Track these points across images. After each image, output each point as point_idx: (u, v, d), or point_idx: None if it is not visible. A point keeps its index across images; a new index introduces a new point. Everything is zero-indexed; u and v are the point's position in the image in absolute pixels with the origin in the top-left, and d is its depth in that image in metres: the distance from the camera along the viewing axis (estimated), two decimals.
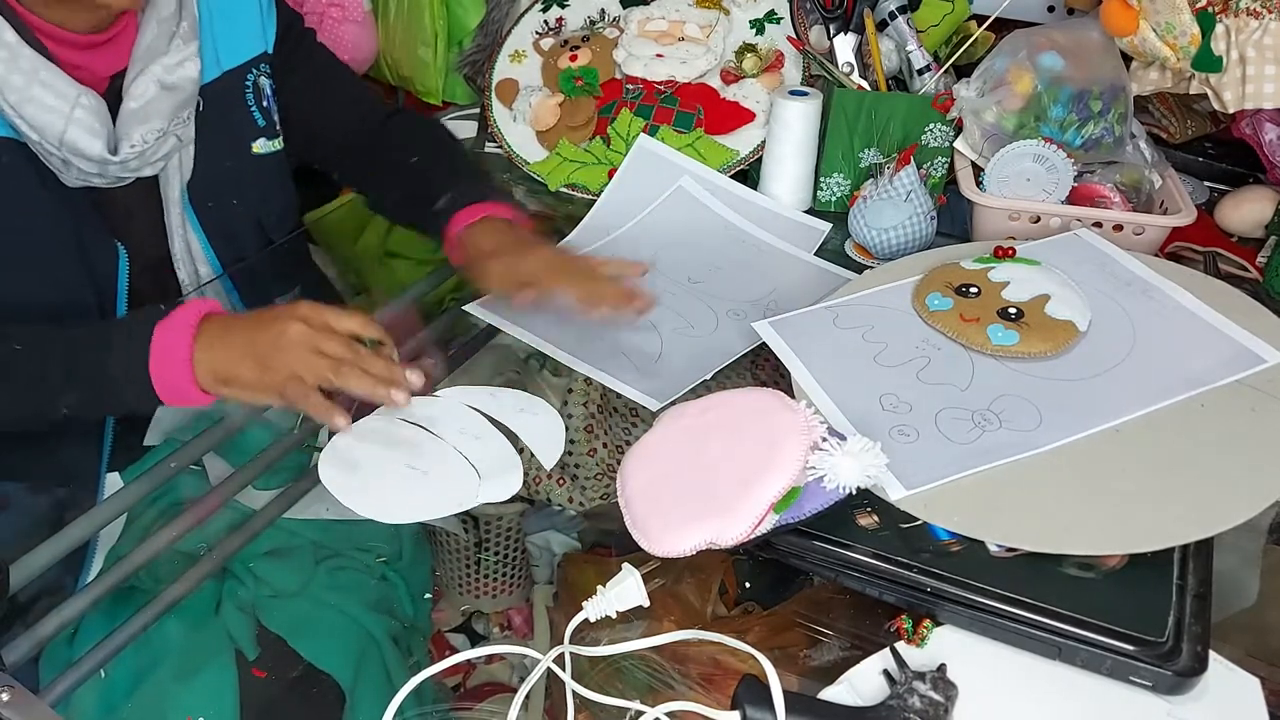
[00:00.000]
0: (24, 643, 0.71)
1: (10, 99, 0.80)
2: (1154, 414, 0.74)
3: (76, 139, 0.82)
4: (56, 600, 0.75)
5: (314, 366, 0.76)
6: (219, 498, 0.85)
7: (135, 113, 0.86)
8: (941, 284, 0.87)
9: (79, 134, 0.82)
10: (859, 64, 1.19)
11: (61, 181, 0.86)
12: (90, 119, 0.83)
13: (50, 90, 0.81)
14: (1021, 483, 0.70)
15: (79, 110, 0.82)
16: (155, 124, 0.88)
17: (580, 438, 0.92)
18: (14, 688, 0.63)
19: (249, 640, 0.83)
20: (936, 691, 0.61)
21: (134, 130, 0.86)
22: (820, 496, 0.68)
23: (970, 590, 0.65)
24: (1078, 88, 1.05)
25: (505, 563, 1.02)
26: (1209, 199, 1.21)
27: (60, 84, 0.81)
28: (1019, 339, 0.81)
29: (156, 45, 0.88)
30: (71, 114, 0.82)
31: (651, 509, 0.70)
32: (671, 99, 1.24)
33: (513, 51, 1.34)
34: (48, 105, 0.81)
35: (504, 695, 0.94)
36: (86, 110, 0.82)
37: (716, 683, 0.69)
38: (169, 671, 0.78)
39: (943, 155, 1.15)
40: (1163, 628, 0.62)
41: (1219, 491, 0.67)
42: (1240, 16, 1.02)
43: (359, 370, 0.77)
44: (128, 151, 0.86)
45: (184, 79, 0.89)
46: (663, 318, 0.99)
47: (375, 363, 0.79)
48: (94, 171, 0.86)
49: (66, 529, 0.77)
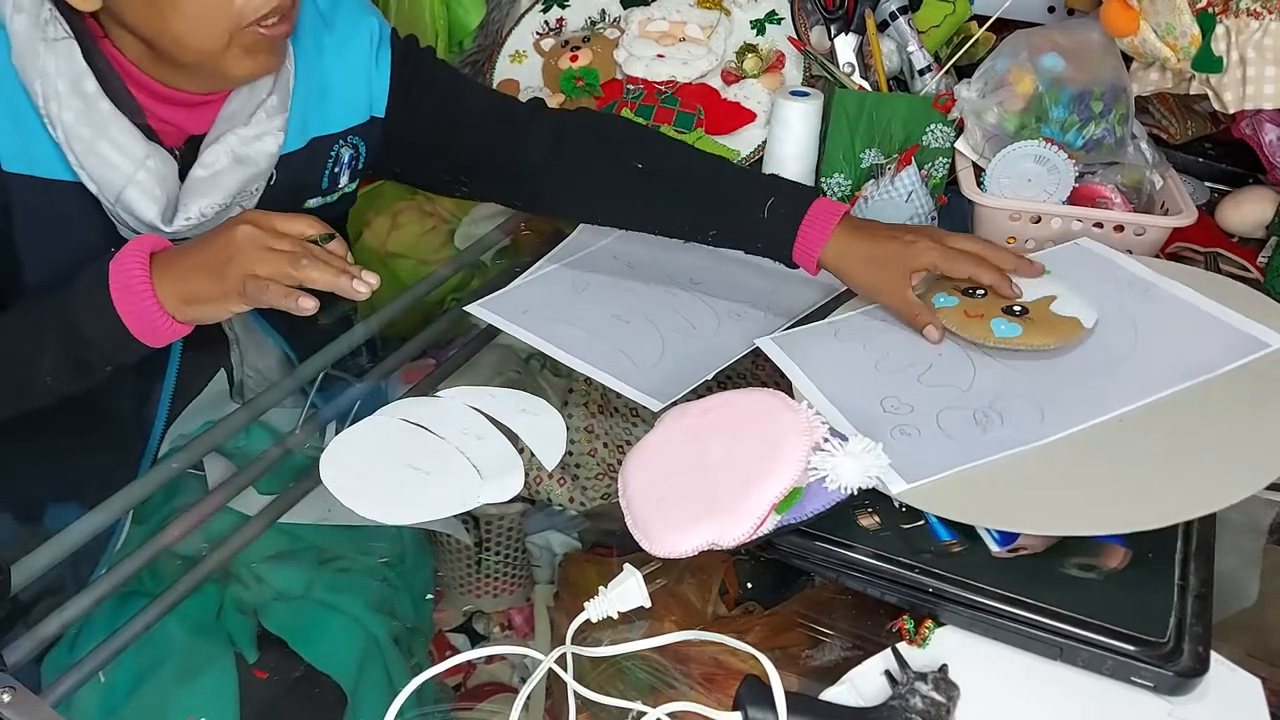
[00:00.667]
0: (25, 643, 0.71)
1: (75, 148, 0.78)
2: (1157, 402, 0.74)
3: (133, 201, 0.79)
4: (58, 601, 0.75)
5: (269, 262, 0.72)
6: (220, 499, 0.85)
7: (202, 182, 0.83)
8: (948, 285, 0.87)
9: (137, 196, 0.79)
10: (860, 64, 1.19)
11: (119, 233, 0.83)
12: (152, 184, 0.80)
13: (117, 148, 0.78)
14: (1023, 474, 0.70)
15: (143, 172, 0.79)
16: (217, 198, 0.83)
17: (581, 438, 0.92)
18: (16, 688, 0.63)
19: (250, 642, 0.83)
20: (938, 692, 0.61)
21: (195, 202, 0.82)
22: (822, 497, 0.68)
23: (972, 591, 0.65)
24: (1078, 88, 1.05)
25: (506, 563, 1.02)
26: (1209, 199, 1.21)
27: (130, 143, 0.79)
28: (1022, 331, 0.81)
29: (240, 114, 0.84)
30: (135, 175, 0.79)
31: (653, 509, 0.70)
32: (672, 99, 1.24)
33: (513, 52, 1.34)
34: (112, 162, 0.78)
35: (505, 695, 0.94)
36: (150, 173, 0.79)
37: (718, 683, 0.69)
38: (170, 673, 0.78)
39: (944, 156, 1.15)
40: (1164, 628, 0.62)
41: (1223, 469, 0.67)
42: (1240, 17, 1.02)
43: (318, 261, 0.73)
44: (182, 224, 0.82)
45: (260, 153, 0.85)
46: (663, 318, 0.99)
47: (331, 255, 0.75)
48: (146, 232, 0.82)
49: (67, 529, 0.77)
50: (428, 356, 1.08)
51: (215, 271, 0.72)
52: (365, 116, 0.94)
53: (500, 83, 1.32)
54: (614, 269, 1.07)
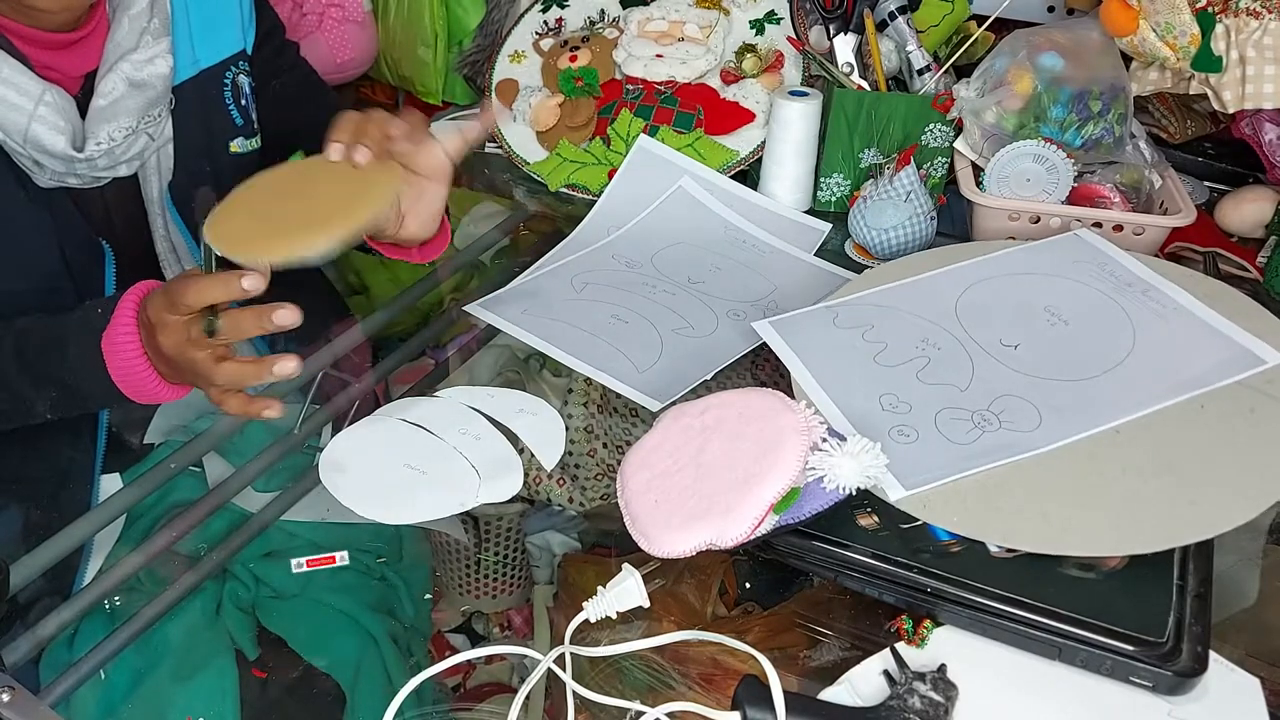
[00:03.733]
0: (24, 643, 0.71)
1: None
2: (1153, 415, 0.74)
3: (40, 135, 0.82)
4: (57, 601, 0.75)
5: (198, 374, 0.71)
6: (219, 499, 0.85)
7: (103, 110, 0.86)
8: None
9: (43, 130, 0.81)
10: (859, 64, 1.19)
11: (36, 183, 0.85)
12: (54, 116, 0.82)
13: (13, 88, 0.80)
14: (1021, 483, 0.70)
15: (43, 107, 0.81)
16: (123, 121, 0.87)
17: (580, 438, 0.92)
18: (14, 688, 0.63)
19: (249, 641, 0.83)
20: (937, 692, 0.61)
21: (101, 128, 0.85)
22: (820, 497, 0.68)
23: (970, 590, 0.65)
24: (1077, 88, 1.05)
25: (505, 563, 1.02)
26: (1209, 199, 1.21)
27: (24, 81, 0.81)
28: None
29: (126, 42, 0.87)
30: (35, 110, 0.81)
31: (651, 509, 0.70)
32: (671, 99, 1.24)
33: (512, 52, 1.34)
34: (11, 103, 0.80)
35: (504, 695, 0.94)
36: (51, 107, 0.82)
37: (716, 683, 0.69)
38: (169, 672, 0.78)
39: (943, 155, 1.15)
40: (1163, 628, 0.62)
41: (1219, 493, 0.67)
42: (1240, 16, 1.02)
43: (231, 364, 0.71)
44: (94, 149, 0.85)
45: (154, 76, 0.88)
46: (662, 318, 0.99)
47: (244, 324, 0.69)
48: (63, 170, 0.85)
49: (67, 529, 0.77)
50: (427, 356, 1.08)
51: (171, 365, 0.73)
52: (240, 47, 0.99)
53: (500, 83, 1.32)
54: (613, 269, 1.07)
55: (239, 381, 0.71)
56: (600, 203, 1.19)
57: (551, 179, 1.24)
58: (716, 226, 1.15)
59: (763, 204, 1.18)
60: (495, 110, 1.31)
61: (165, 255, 0.98)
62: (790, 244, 1.12)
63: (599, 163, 1.24)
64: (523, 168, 1.27)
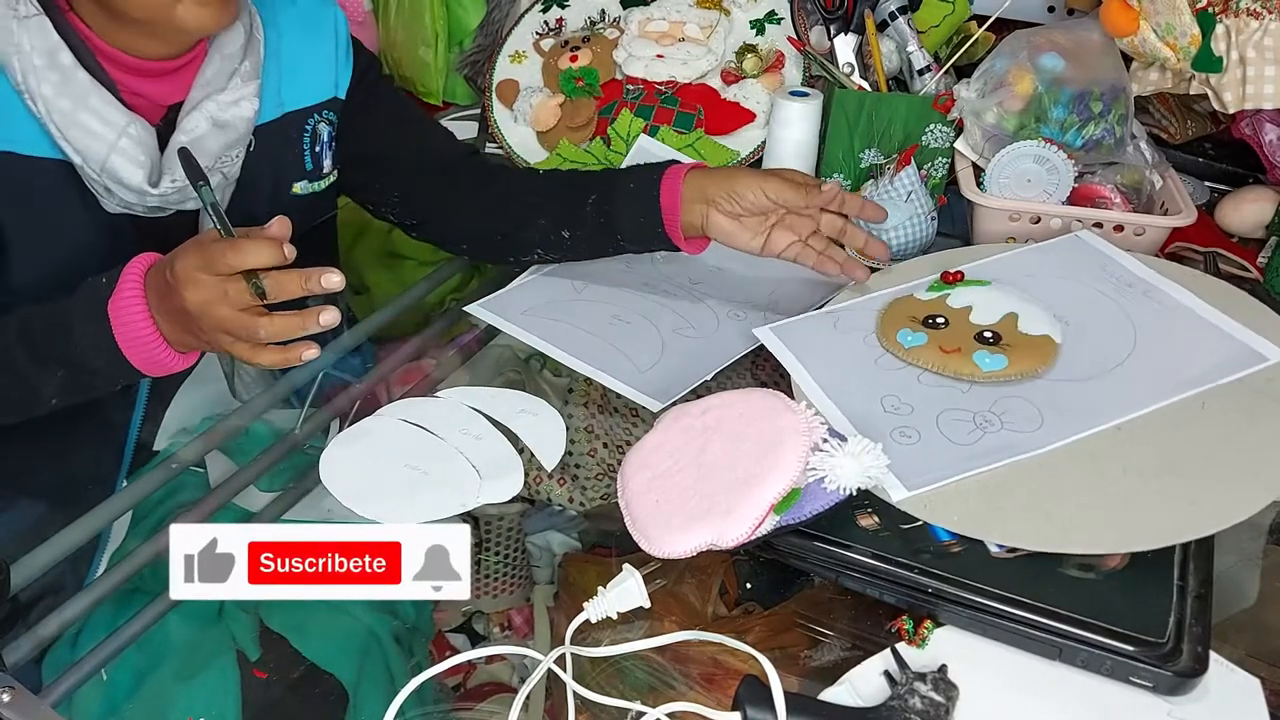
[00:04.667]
0: (25, 643, 0.71)
1: (57, 120, 0.79)
2: (1154, 414, 0.74)
3: (118, 167, 0.81)
4: (58, 600, 0.75)
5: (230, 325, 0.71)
6: (221, 498, 0.85)
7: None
8: (905, 318, 0.86)
9: (121, 162, 0.81)
10: (859, 64, 1.19)
11: (102, 206, 0.84)
12: (135, 149, 0.82)
13: (98, 117, 0.80)
14: (1022, 483, 0.70)
15: (125, 140, 0.81)
16: (202, 161, 0.84)
17: (580, 438, 0.92)
18: (15, 688, 0.63)
19: (251, 640, 0.83)
20: (937, 692, 0.61)
21: (178, 166, 0.83)
22: (821, 497, 0.68)
23: (971, 591, 0.65)
24: (1078, 88, 1.05)
25: (506, 563, 1.02)
26: (1209, 199, 1.21)
27: (110, 111, 0.80)
28: (1007, 362, 0.79)
29: (216, 81, 0.87)
30: (117, 142, 0.81)
31: (652, 510, 0.70)
32: (672, 99, 1.24)
33: (513, 52, 1.34)
34: (94, 132, 0.80)
35: (505, 695, 0.94)
36: (132, 140, 0.81)
37: (717, 683, 0.69)
38: (171, 672, 0.78)
39: (943, 156, 1.15)
40: (1163, 628, 0.62)
41: (1219, 491, 0.67)
42: (1240, 17, 1.02)
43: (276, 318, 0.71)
44: (168, 186, 0.84)
45: (238, 118, 0.88)
46: (663, 318, 0.99)
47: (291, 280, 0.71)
48: (134, 200, 0.84)
49: (67, 529, 0.78)
50: (428, 356, 1.08)
51: (189, 326, 0.73)
52: (330, 94, 0.97)
53: (500, 83, 1.33)
54: (613, 269, 1.07)
55: (286, 333, 0.71)
56: None
57: None
58: None
59: None
60: (497, 111, 1.31)
61: None
62: None
63: (599, 163, 1.24)
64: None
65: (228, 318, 0.70)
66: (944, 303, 0.87)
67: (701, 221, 0.92)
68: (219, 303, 0.70)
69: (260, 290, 0.70)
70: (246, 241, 0.69)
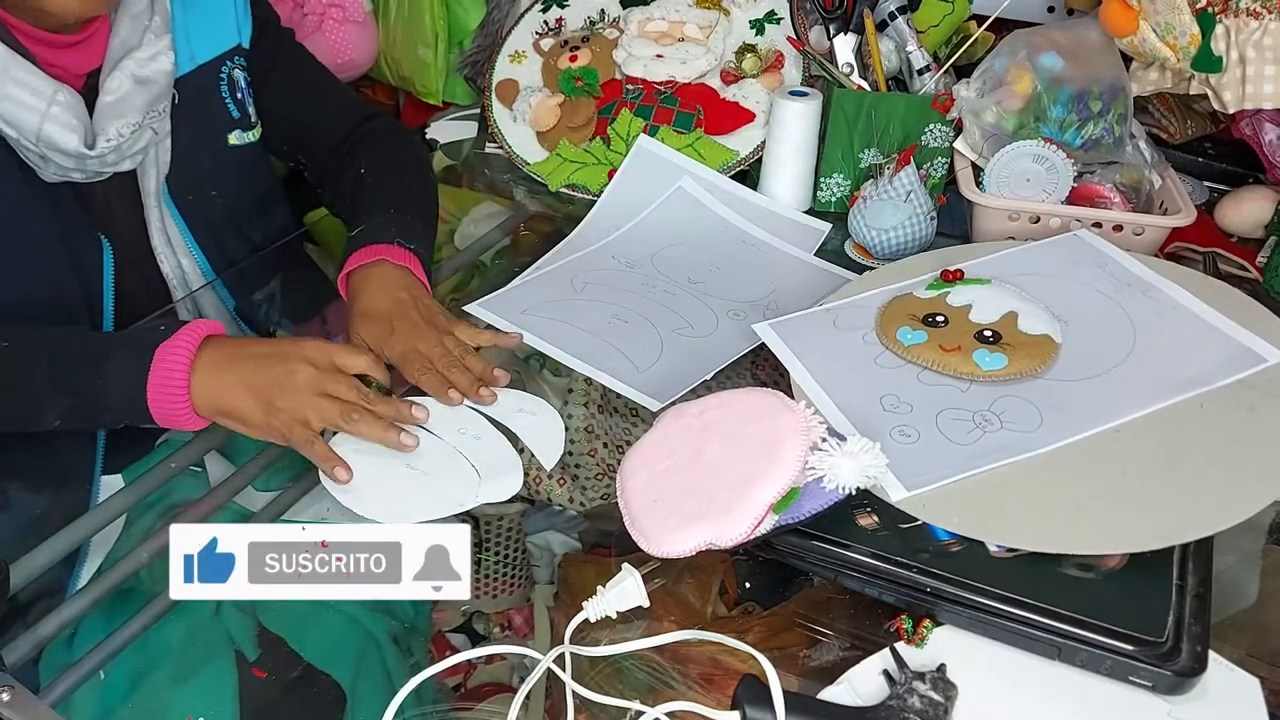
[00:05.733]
0: (24, 643, 0.71)
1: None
2: (1154, 414, 0.74)
3: (53, 134, 0.83)
4: (56, 601, 0.75)
5: (321, 411, 0.78)
6: (219, 498, 0.85)
7: (111, 107, 0.88)
8: (905, 316, 0.86)
9: (55, 129, 0.83)
10: (859, 64, 1.19)
11: (41, 177, 0.87)
12: (66, 115, 0.84)
13: (25, 88, 0.82)
14: (1022, 484, 0.70)
15: (55, 107, 0.83)
16: (130, 118, 0.89)
17: (580, 438, 0.92)
18: (14, 688, 0.63)
19: (249, 641, 0.82)
20: (936, 691, 0.61)
21: (110, 124, 0.87)
22: (820, 497, 0.68)
23: (970, 590, 0.65)
24: (1077, 88, 1.05)
25: (505, 563, 1.02)
26: (1209, 199, 1.21)
27: (36, 81, 0.83)
28: (1007, 361, 0.79)
29: (129, 40, 0.90)
30: (48, 110, 0.83)
31: (651, 509, 0.70)
32: (671, 99, 1.24)
33: (513, 52, 1.34)
34: (24, 103, 0.82)
35: (504, 695, 0.94)
36: (63, 106, 0.84)
37: (716, 683, 0.69)
38: (169, 672, 0.78)
39: (942, 155, 1.15)
40: (1162, 628, 0.62)
41: (1219, 491, 0.67)
42: (1240, 17, 1.02)
43: (370, 415, 0.79)
44: (104, 145, 0.87)
45: (157, 72, 0.91)
46: (662, 317, 0.99)
47: (382, 404, 0.80)
48: (71, 166, 0.87)
49: (67, 529, 0.78)
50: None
51: (263, 400, 0.77)
52: (235, 42, 1.02)
53: (500, 83, 1.33)
54: (613, 269, 1.07)
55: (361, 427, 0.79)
56: (600, 203, 1.19)
57: (552, 179, 1.25)
58: (716, 226, 1.15)
59: (763, 204, 1.18)
60: (497, 111, 1.31)
61: (161, 248, 1.00)
62: (790, 244, 1.12)
63: (599, 163, 1.24)
64: (523, 168, 1.27)
65: (310, 403, 0.78)
66: (944, 301, 0.87)
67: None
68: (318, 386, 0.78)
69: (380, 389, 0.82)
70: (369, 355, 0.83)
